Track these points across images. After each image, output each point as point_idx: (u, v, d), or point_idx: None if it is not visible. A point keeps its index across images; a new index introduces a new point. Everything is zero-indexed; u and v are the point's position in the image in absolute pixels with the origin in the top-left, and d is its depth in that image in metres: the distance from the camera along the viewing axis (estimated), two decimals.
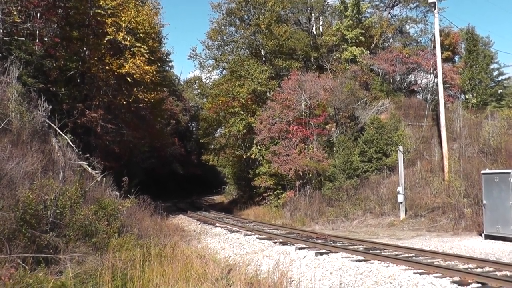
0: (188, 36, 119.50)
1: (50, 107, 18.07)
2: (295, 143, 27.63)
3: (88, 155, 18.86)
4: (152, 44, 28.18)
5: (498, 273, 10.26)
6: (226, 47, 38.76)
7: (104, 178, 17.41)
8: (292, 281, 9.50)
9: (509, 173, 15.50)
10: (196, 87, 64.22)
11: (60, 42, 21.84)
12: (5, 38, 18.38)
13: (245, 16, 37.29)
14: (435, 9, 24.87)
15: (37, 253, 8.50)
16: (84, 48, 24.52)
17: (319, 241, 16.12)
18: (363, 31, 33.77)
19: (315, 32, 38.20)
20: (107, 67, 24.56)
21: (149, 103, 29.30)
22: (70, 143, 18.11)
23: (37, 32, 20.19)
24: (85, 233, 10.40)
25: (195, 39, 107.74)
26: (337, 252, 13.29)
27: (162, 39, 36.36)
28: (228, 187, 55.44)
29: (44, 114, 17.48)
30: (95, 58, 24.55)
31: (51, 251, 9.06)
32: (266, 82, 33.63)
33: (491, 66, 32.61)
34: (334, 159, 26.88)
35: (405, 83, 36.28)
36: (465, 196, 20.01)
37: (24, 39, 19.16)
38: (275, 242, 15.93)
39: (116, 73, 24.96)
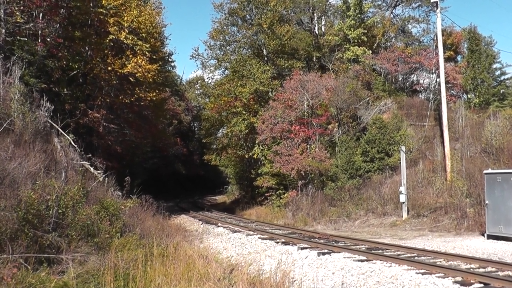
0: (190, 36, 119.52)
1: (53, 107, 18.07)
2: (297, 143, 27.64)
3: (90, 155, 18.91)
4: (154, 43, 28.21)
5: (500, 273, 10.24)
6: (228, 47, 38.77)
7: (106, 178, 17.44)
8: (294, 281, 9.50)
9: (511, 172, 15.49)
10: (198, 87, 64.42)
11: (63, 42, 21.87)
12: (7, 38, 18.40)
13: (247, 16, 37.30)
14: (437, 8, 24.83)
15: (39, 253, 8.52)
16: (87, 48, 24.56)
17: (321, 241, 16.12)
18: (365, 31, 33.73)
19: (317, 32, 38.20)
20: (109, 67, 24.59)
21: (151, 103, 29.32)
22: (72, 143, 18.13)
23: (40, 32, 20.22)
24: (87, 233, 10.42)
25: (197, 39, 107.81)
26: (339, 252, 13.28)
27: (165, 39, 36.42)
28: (230, 187, 55.49)
29: (46, 114, 17.49)
30: (98, 59, 24.59)
31: (53, 251, 9.07)
32: (268, 82, 33.63)
33: (494, 66, 32.49)
34: (336, 159, 26.86)
35: (408, 83, 36.28)
36: (468, 196, 19.99)
37: (26, 39, 19.21)
38: (277, 242, 15.93)
39: (118, 73, 24.99)
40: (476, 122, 26.21)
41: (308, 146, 27.78)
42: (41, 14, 20.16)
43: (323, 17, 39.40)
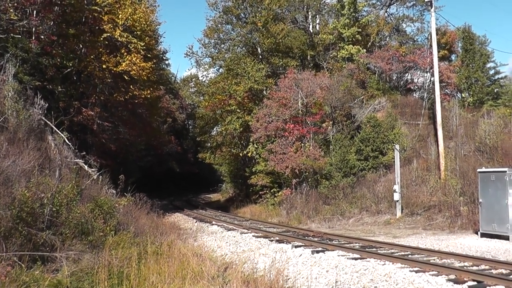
0: (184, 34, 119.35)
1: (47, 105, 17.99)
2: (292, 141, 27.65)
3: (84, 153, 18.83)
4: (148, 41, 28.12)
5: (493, 271, 10.30)
6: (222, 45, 38.75)
7: (101, 176, 17.40)
8: (289, 279, 9.53)
9: (505, 171, 15.54)
10: (193, 85, 64.18)
11: (57, 39, 21.74)
12: (1, 36, 18.28)
13: (242, 14, 37.29)
14: (431, 7, 24.90)
15: (33, 251, 8.49)
16: (81, 46, 24.42)
17: (315, 239, 16.14)
18: (360, 30, 33.79)
19: (311, 31, 38.19)
20: (103, 65, 24.47)
21: (145, 101, 29.24)
22: (67, 141, 18.05)
23: (34, 29, 20.07)
24: (82, 231, 10.39)
25: (191, 37, 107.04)
26: (333, 250, 13.31)
27: (159, 37, 36.29)
28: (224, 185, 55.50)
29: (40, 112, 17.41)
30: (92, 56, 24.46)
31: (47, 249, 9.04)
32: (262, 80, 33.63)
33: (488, 65, 32.57)
34: (331, 158, 26.91)
35: (402, 82, 36.34)
36: (461, 194, 20.08)
37: (20, 36, 19.07)
38: (272, 240, 15.94)
39: (112, 71, 24.90)
40: (470, 121, 26.33)
41: (303, 144, 27.82)
42: (35, 12, 20.03)
43: (317, 16, 39.40)
